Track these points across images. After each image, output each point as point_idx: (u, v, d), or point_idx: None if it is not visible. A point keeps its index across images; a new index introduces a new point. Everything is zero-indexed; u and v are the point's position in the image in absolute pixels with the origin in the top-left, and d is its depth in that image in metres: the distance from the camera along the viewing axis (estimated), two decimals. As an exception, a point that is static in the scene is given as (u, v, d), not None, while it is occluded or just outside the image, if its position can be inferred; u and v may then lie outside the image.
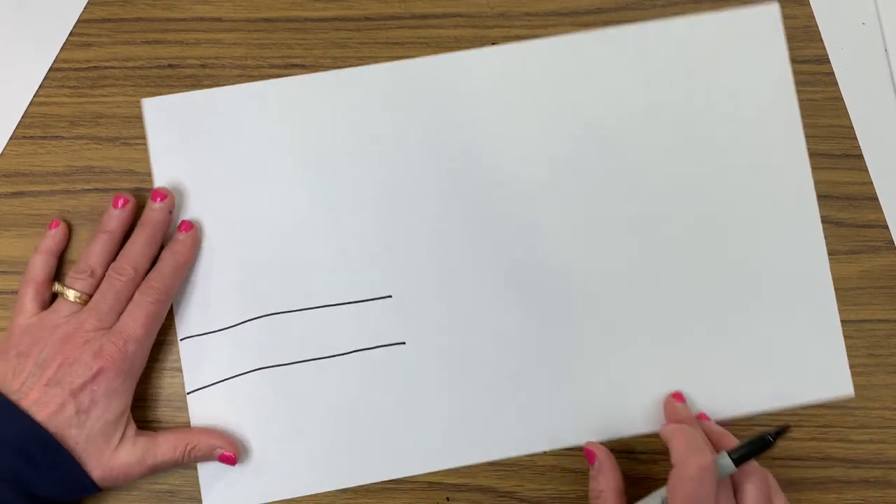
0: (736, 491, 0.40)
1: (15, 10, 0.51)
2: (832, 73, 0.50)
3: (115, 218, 0.46)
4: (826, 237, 0.49)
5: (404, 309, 0.47)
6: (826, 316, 0.48)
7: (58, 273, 0.47)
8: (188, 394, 0.47)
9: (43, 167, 0.49)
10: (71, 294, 0.44)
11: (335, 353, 0.47)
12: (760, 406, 0.47)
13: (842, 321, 0.48)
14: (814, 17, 0.50)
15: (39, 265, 0.46)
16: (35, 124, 0.50)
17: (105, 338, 0.43)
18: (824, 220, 0.49)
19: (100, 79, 0.50)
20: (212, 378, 0.47)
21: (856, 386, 0.47)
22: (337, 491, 0.47)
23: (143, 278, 0.45)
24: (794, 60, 0.50)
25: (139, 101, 0.50)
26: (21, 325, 0.44)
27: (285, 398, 0.47)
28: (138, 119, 0.50)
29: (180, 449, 0.44)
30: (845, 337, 0.48)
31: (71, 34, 0.50)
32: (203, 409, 0.46)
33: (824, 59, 0.50)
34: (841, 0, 0.51)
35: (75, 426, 0.41)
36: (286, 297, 0.47)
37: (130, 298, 0.44)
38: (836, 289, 0.48)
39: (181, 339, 0.47)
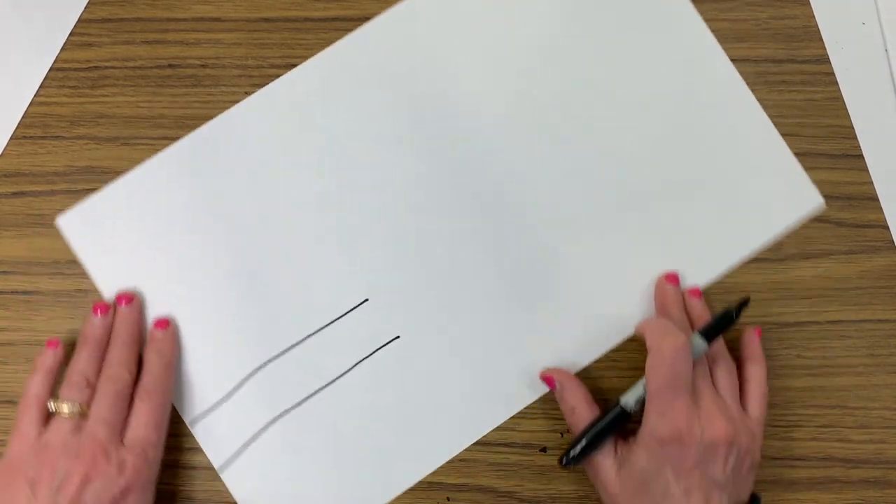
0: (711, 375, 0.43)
1: (15, 10, 0.51)
2: (832, 73, 0.50)
3: (98, 326, 0.45)
4: (826, 237, 0.49)
5: (384, 307, 0.47)
6: (772, 147, 0.49)
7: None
8: (220, 471, 0.46)
9: (43, 167, 0.49)
10: (66, 408, 0.42)
11: (339, 374, 0.47)
12: (747, 250, 0.48)
13: (842, 321, 0.48)
14: (814, 17, 0.50)
15: (39, 384, 0.43)
16: (35, 124, 0.50)
17: (124, 450, 0.41)
18: (824, 220, 0.49)
19: (100, 79, 0.50)
20: (235, 446, 0.46)
21: (856, 386, 0.47)
22: (337, 491, 0.47)
23: (135, 381, 0.44)
24: (793, 60, 0.50)
25: (139, 102, 0.50)
26: (23, 450, 0.41)
27: (311, 434, 0.46)
28: (139, 119, 0.50)
29: None
30: (845, 337, 0.48)
31: (71, 34, 0.50)
32: (239, 479, 0.46)
33: (824, 59, 0.50)
34: (841, 0, 0.51)
35: None
36: (271, 342, 0.47)
37: (129, 402, 0.43)
38: (836, 289, 0.48)
39: (191, 423, 0.46)
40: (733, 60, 0.49)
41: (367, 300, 0.47)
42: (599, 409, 0.44)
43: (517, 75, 0.49)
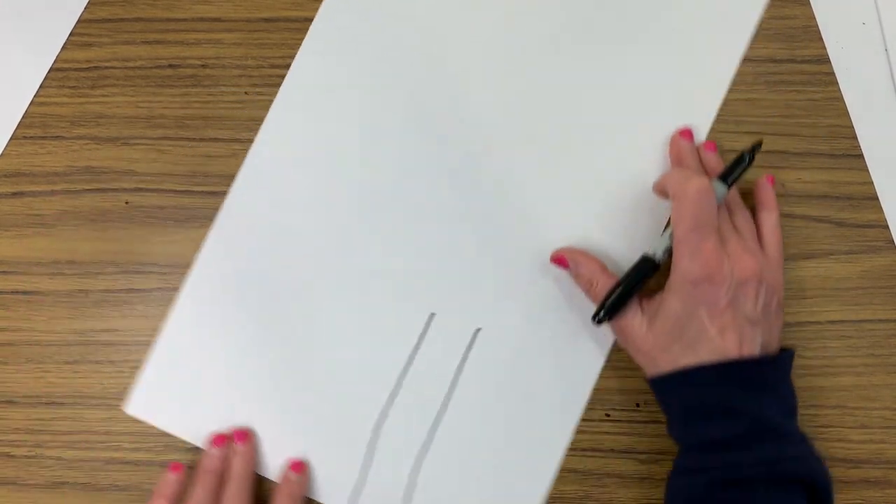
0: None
1: (15, 11, 0.51)
2: (832, 73, 0.50)
3: (216, 458, 0.45)
4: (826, 237, 0.49)
5: (452, 311, 0.47)
6: None
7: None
8: None
9: (43, 167, 0.49)
10: None
11: (445, 395, 0.47)
12: (736, 58, 0.50)
13: (842, 321, 0.48)
14: (814, 17, 0.50)
15: None
16: (35, 124, 0.50)
17: None
18: (824, 220, 0.49)
19: (100, 79, 0.50)
20: None
21: (856, 386, 0.47)
22: (337, 491, 0.47)
23: None
24: (794, 60, 0.50)
25: (139, 102, 0.50)
26: None
27: (454, 461, 0.46)
28: (139, 119, 0.50)
29: None
30: (845, 337, 0.48)
31: (71, 34, 0.50)
32: None
33: (824, 59, 0.50)
34: (841, 0, 0.51)
35: None
36: (368, 406, 0.46)
37: None
38: (836, 289, 0.48)
39: None
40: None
41: (433, 314, 0.47)
42: (616, 278, 0.44)
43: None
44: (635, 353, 0.44)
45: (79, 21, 0.51)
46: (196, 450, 0.47)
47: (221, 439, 0.46)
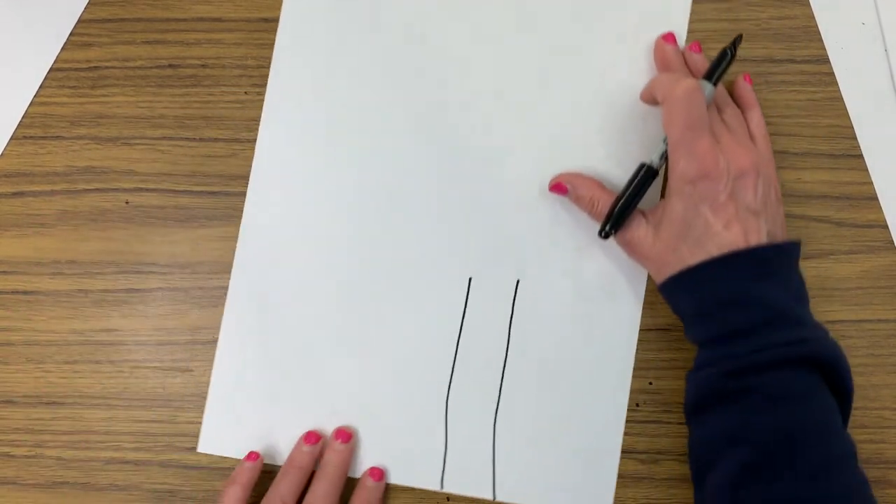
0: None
1: (15, 10, 0.51)
2: (832, 73, 0.50)
3: (307, 454, 0.45)
4: (826, 237, 0.49)
5: (489, 276, 0.48)
6: None
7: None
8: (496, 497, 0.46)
9: (43, 167, 0.49)
10: None
11: (504, 354, 0.47)
12: None
13: (842, 321, 0.48)
14: (814, 18, 0.50)
15: (235, 499, 0.44)
16: (35, 124, 0.50)
17: None
18: (824, 220, 0.49)
19: (100, 79, 0.50)
20: (488, 470, 0.47)
21: (856, 386, 0.47)
22: (337, 491, 0.47)
23: None
24: (793, 60, 0.50)
25: (139, 102, 0.50)
26: None
27: (531, 421, 0.47)
28: (139, 119, 0.50)
29: None
30: (845, 337, 0.48)
31: (71, 34, 0.50)
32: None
33: (824, 59, 0.50)
34: (841, 0, 0.51)
35: None
36: (436, 381, 0.47)
37: None
38: (836, 289, 0.48)
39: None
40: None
41: (470, 278, 0.48)
42: (615, 194, 0.45)
43: None
44: (645, 261, 0.44)
45: (79, 21, 0.51)
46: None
47: (314, 437, 0.46)
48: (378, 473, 0.46)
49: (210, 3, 0.51)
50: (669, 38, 0.48)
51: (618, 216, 0.44)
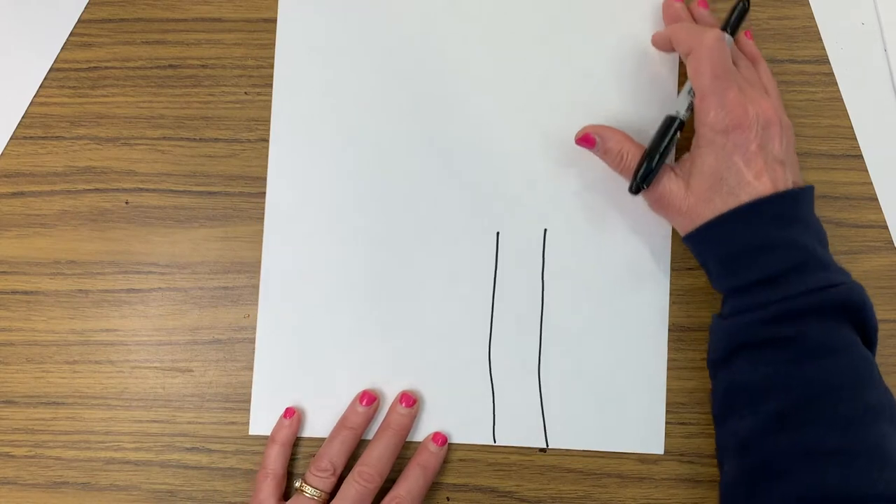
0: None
1: (15, 10, 0.51)
2: (832, 73, 0.50)
3: (361, 415, 0.46)
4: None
5: (516, 228, 0.48)
6: None
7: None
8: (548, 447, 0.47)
9: (43, 167, 0.49)
10: (309, 491, 0.43)
11: (539, 304, 0.48)
12: None
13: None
14: (814, 18, 0.50)
15: (277, 457, 0.45)
16: (35, 124, 0.50)
17: None
18: (824, 220, 0.49)
19: (100, 79, 0.50)
20: (537, 420, 0.48)
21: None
22: (337, 491, 0.47)
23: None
24: (793, 60, 0.50)
25: (139, 102, 0.50)
26: None
27: (577, 375, 0.48)
28: (139, 119, 0.50)
29: None
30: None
31: (71, 34, 0.50)
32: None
33: (824, 59, 0.50)
34: (841, 0, 0.51)
35: None
36: (475, 336, 0.48)
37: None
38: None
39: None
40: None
41: (498, 233, 0.48)
42: (644, 147, 0.45)
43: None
44: (675, 215, 0.44)
45: (79, 21, 0.51)
46: (207, 451, 0.47)
47: (370, 397, 0.46)
48: (442, 439, 0.46)
49: (210, 3, 0.51)
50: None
51: (647, 170, 0.43)
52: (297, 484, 0.44)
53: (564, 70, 0.49)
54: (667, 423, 0.47)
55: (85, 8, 0.51)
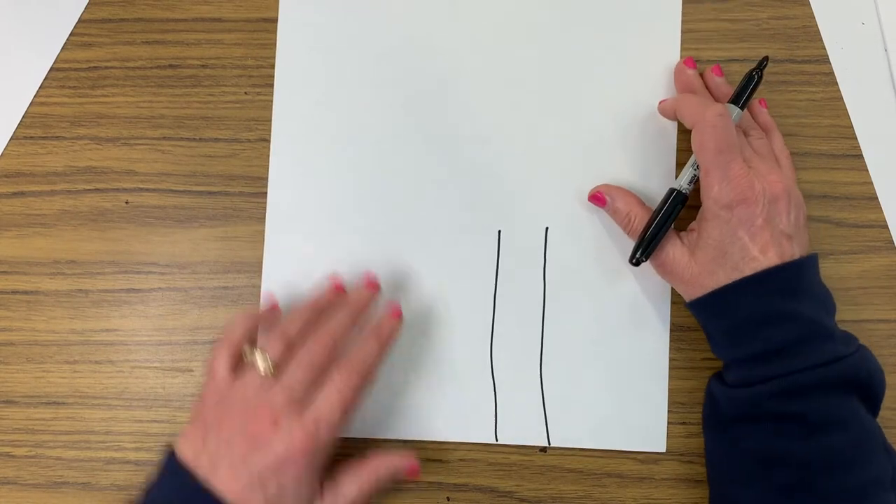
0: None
1: (15, 10, 0.51)
2: (832, 73, 0.50)
3: (325, 296, 0.45)
4: (826, 237, 0.49)
5: (517, 225, 0.48)
6: None
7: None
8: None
9: (43, 167, 0.49)
10: (261, 364, 0.41)
11: (542, 301, 0.48)
12: None
13: (842, 321, 0.48)
14: (814, 18, 0.50)
15: (240, 329, 0.43)
16: (35, 124, 0.50)
17: (296, 422, 0.39)
18: (824, 220, 0.49)
19: (100, 79, 0.50)
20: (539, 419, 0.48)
21: (856, 386, 0.47)
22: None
23: (338, 357, 0.42)
24: (793, 60, 0.50)
25: (139, 102, 0.50)
26: (212, 393, 0.41)
27: (581, 369, 0.48)
28: (139, 119, 0.50)
29: (365, 488, 0.42)
30: (845, 337, 0.48)
31: (71, 34, 0.50)
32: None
33: (824, 59, 0.50)
34: (841, 0, 0.51)
35: None
36: (477, 332, 0.48)
37: (324, 373, 0.41)
38: (836, 289, 0.48)
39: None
40: (734, 60, 0.49)
41: (499, 231, 0.48)
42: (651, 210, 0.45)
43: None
44: (678, 282, 0.44)
45: (79, 21, 0.51)
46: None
47: (341, 288, 0.46)
48: (397, 312, 0.45)
49: (210, 3, 0.51)
50: (689, 62, 0.48)
51: (648, 243, 0.44)
52: (248, 356, 0.42)
53: (566, 69, 0.49)
54: (667, 422, 0.47)
55: (85, 8, 0.51)
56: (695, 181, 0.44)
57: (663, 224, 0.44)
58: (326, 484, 0.41)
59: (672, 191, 0.44)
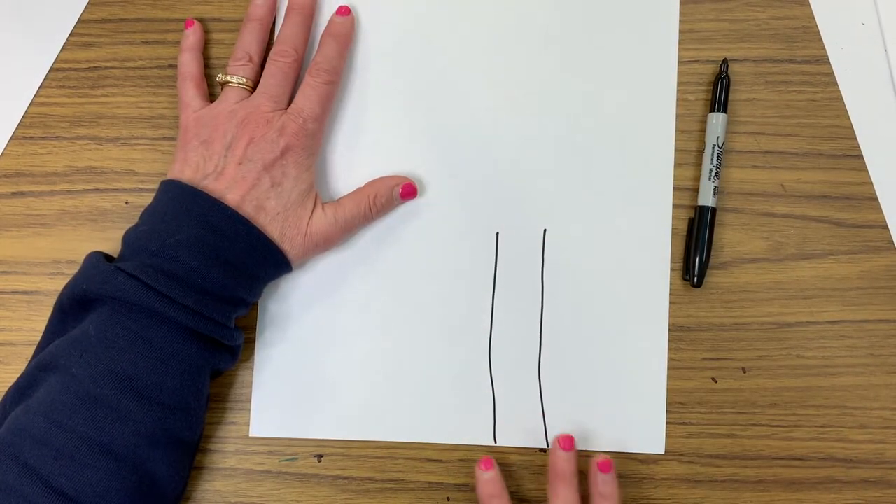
0: None
1: (15, 10, 0.51)
2: (832, 74, 0.50)
3: (261, 5, 0.48)
4: (826, 237, 0.49)
5: (514, 228, 0.48)
6: None
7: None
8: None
9: (43, 167, 0.49)
10: (235, 80, 0.46)
11: (540, 306, 0.48)
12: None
13: (842, 321, 0.48)
14: (814, 18, 0.50)
15: (190, 61, 0.47)
16: (35, 124, 0.50)
17: (285, 116, 0.44)
18: (824, 220, 0.49)
19: (100, 79, 0.50)
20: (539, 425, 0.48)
21: (856, 386, 0.47)
22: (336, 490, 0.47)
23: (303, 61, 0.47)
24: (793, 60, 0.50)
25: (139, 102, 0.50)
26: (193, 118, 0.45)
27: (580, 370, 0.48)
28: (139, 119, 0.50)
29: (364, 202, 0.46)
30: (845, 337, 0.48)
31: (71, 34, 0.50)
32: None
33: (824, 59, 0.50)
34: (841, 0, 0.51)
35: (273, 198, 0.43)
36: (474, 336, 0.48)
37: (296, 80, 0.46)
38: (836, 289, 0.48)
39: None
40: (733, 60, 0.49)
41: (498, 233, 0.48)
42: None
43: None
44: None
45: (79, 21, 0.51)
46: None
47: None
48: (345, 10, 0.48)
49: (210, 3, 0.51)
50: (564, 441, 0.45)
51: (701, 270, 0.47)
52: (220, 78, 0.46)
53: (563, 70, 0.49)
54: (667, 423, 0.47)
55: (85, 8, 0.51)
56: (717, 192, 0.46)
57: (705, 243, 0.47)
58: (328, 203, 0.46)
59: (700, 208, 0.46)
